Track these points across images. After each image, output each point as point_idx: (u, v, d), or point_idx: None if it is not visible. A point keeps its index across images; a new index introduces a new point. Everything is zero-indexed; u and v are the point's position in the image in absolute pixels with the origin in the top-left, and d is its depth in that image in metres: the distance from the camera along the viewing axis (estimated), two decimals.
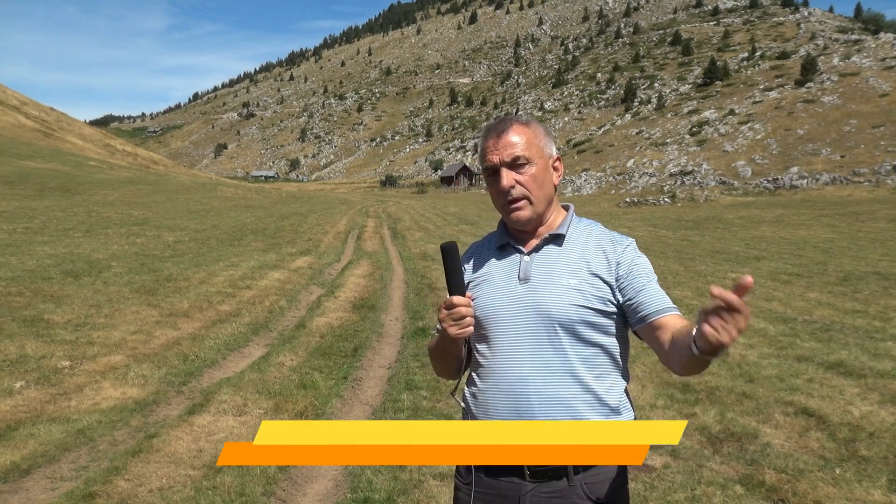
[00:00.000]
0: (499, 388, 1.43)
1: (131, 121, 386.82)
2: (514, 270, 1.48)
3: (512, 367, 1.42)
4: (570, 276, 1.43)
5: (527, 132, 1.47)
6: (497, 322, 1.45)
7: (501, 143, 1.45)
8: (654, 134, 71.00)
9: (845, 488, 3.15)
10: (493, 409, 1.44)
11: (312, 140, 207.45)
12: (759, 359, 5.55)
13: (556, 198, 1.54)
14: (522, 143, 1.45)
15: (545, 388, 1.39)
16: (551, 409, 1.39)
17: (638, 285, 1.43)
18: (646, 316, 1.40)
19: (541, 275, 1.45)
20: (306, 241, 16.39)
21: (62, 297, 7.56)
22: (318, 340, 6.31)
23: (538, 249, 1.49)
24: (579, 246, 1.48)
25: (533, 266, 1.46)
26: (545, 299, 1.41)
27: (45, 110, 65.82)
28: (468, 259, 1.61)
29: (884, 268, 11.96)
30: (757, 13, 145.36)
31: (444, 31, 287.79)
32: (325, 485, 3.36)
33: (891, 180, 41.74)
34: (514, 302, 1.44)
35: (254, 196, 41.06)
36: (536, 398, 1.39)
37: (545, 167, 1.49)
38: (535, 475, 1.40)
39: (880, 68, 67.42)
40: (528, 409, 1.39)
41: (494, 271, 1.51)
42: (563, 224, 1.51)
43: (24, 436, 3.76)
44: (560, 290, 1.42)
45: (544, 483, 1.39)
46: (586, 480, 1.39)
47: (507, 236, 1.55)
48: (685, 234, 22.32)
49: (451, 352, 1.51)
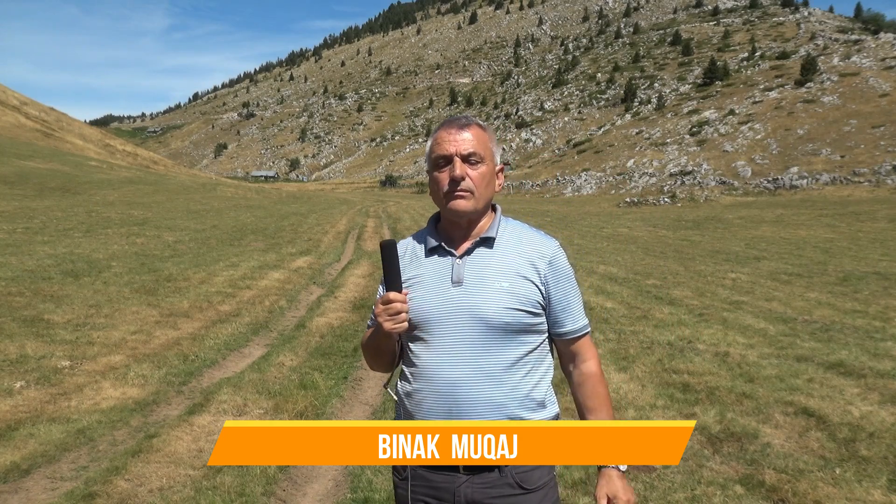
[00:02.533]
0: (432, 389, 1.47)
1: (131, 121, 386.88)
2: (447, 273, 1.50)
3: (444, 369, 1.46)
4: (502, 279, 1.47)
5: (483, 135, 1.52)
6: (430, 324, 1.48)
7: (461, 136, 1.49)
8: (654, 134, 71.00)
9: (845, 488, 3.15)
10: (428, 409, 1.47)
11: (312, 140, 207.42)
12: (759, 359, 5.55)
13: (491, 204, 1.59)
14: (479, 142, 1.50)
15: (477, 391, 1.43)
16: (483, 411, 1.43)
17: (558, 295, 1.52)
18: (562, 333, 1.55)
19: (473, 277, 1.48)
20: (306, 241, 16.39)
21: (62, 297, 7.56)
22: (318, 340, 6.31)
23: (469, 252, 1.51)
24: (510, 248, 1.52)
25: (465, 269, 1.49)
26: (478, 302, 1.45)
27: (45, 110, 65.81)
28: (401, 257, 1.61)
29: (884, 268, 11.96)
30: (757, 13, 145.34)
31: (444, 31, 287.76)
32: (326, 485, 3.36)
33: (891, 180, 41.74)
34: (447, 304, 1.47)
35: (254, 196, 41.06)
36: (468, 400, 1.43)
37: (492, 171, 1.53)
38: (469, 468, 1.44)
39: (880, 68, 67.42)
40: (459, 410, 1.44)
41: (427, 273, 1.53)
42: (493, 227, 1.54)
43: (24, 436, 3.76)
44: (493, 293, 1.45)
45: (477, 475, 1.44)
46: (517, 470, 1.44)
47: (439, 238, 1.56)
48: (685, 234, 22.32)
49: (385, 347, 1.55)
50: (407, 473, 1.51)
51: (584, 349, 1.57)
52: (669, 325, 7.04)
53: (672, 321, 7.21)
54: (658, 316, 7.51)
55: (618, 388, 4.77)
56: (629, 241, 19.29)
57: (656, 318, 7.38)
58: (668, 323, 7.15)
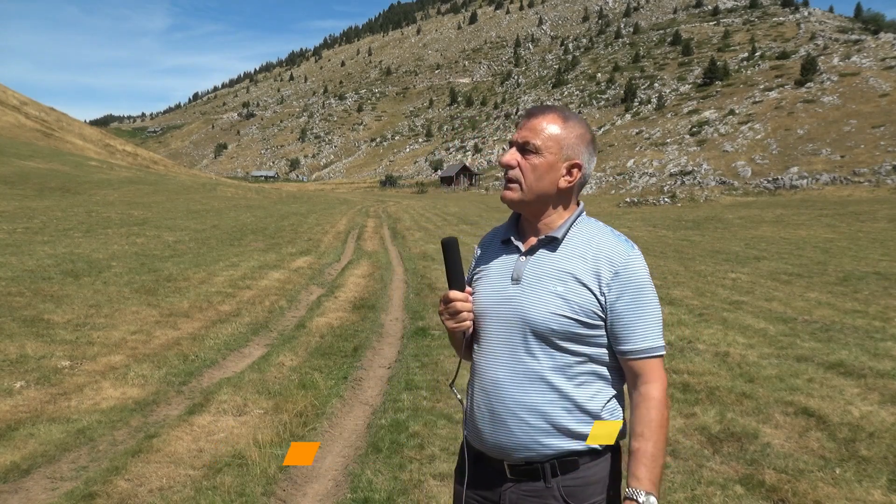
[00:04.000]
0: (481, 387, 1.46)
1: (131, 121, 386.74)
2: (510, 270, 1.46)
3: (489, 367, 1.44)
4: (556, 283, 1.38)
5: (557, 126, 1.42)
6: (486, 321, 1.46)
7: (529, 124, 1.44)
8: (654, 134, 71.00)
9: (845, 488, 3.15)
10: (476, 407, 1.46)
11: (312, 140, 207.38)
12: (759, 359, 5.55)
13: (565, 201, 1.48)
14: (544, 133, 1.41)
15: (519, 394, 1.39)
16: (525, 414, 1.38)
17: (620, 309, 1.38)
18: (621, 352, 1.40)
19: (531, 277, 1.42)
20: (306, 241, 16.39)
21: (62, 297, 7.56)
22: (318, 340, 6.31)
23: (534, 250, 1.45)
24: (576, 251, 1.42)
25: (526, 267, 1.44)
26: (527, 304, 1.39)
27: (45, 110, 65.81)
28: (481, 246, 1.61)
29: (884, 268, 11.95)
30: (757, 13, 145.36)
31: (444, 31, 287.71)
32: (326, 485, 3.36)
33: (891, 180, 41.74)
34: (503, 303, 1.43)
35: (254, 196, 41.06)
36: (510, 403, 1.40)
37: (553, 165, 1.41)
38: (514, 472, 1.42)
39: (880, 68, 67.43)
40: (500, 411, 1.41)
41: (493, 267, 1.51)
42: (562, 226, 1.45)
43: (24, 436, 3.76)
44: (544, 297, 1.38)
45: (523, 482, 1.41)
46: (564, 483, 1.38)
47: (514, 230, 1.53)
48: (685, 234, 22.32)
49: (459, 341, 1.52)
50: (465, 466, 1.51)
51: (646, 371, 1.39)
52: (669, 325, 7.04)
53: (672, 321, 7.21)
54: None
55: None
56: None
57: None
58: (668, 323, 7.14)
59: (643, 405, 1.37)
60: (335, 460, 3.66)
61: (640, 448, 1.35)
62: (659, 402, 1.37)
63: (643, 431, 1.35)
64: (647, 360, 1.38)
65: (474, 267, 1.57)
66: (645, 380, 1.38)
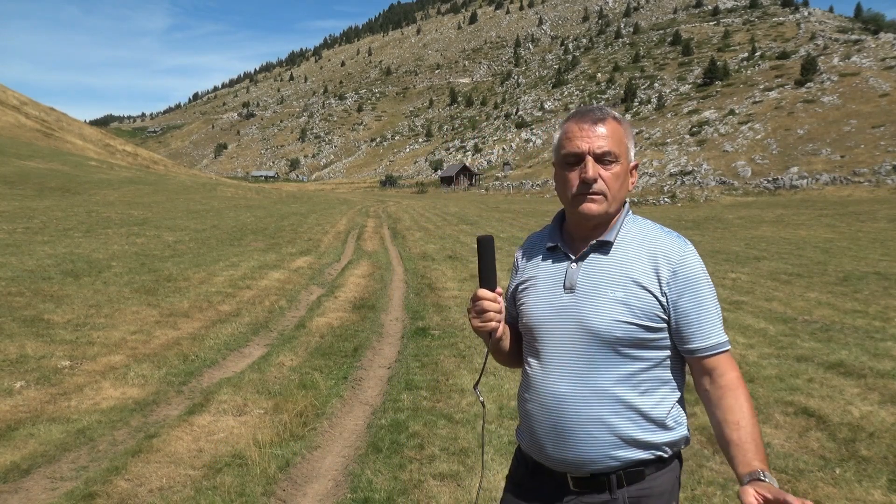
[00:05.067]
0: (539, 401, 1.40)
1: (131, 121, 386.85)
2: (560, 278, 1.40)
3: (550, 381, 1.38)
4: (616, 289, 1.34)
5: (619, 129, 1.39)
6: (541, 333, 1.40)
7: (595, 132, 1.36)
8: (654, 134, 71.01)
9: (845, 488, 3.15)
10: (536, 421, 1.41)
11: (312, 140, 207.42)
12: (759, 359, 5.55)
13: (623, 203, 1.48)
14: (614, 139, 1.37)
15: (583, 407, 1.34)
16: (591, 428, 1.34)
17: (684, 308, 1.34)
18: (690, 350, 1.36)
19: (586, 285, 1.36)
20: (306, 241, 16.39)
21: (62, 297, 7.56)
22: (318, 340, 6.31)
23: (585, 256, 1.40)
24: (630, 254, 1.37)
25: (579, 274, 1.38)
26: (588, 313, 1.34)
27: (45, 110, 65.81)
28: (522, 253, 1.55)
29: (884, 268, 11.95)
30: (757, 13, 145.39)
31: (444, 31, 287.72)
32: (325, 485, 3.36)
33: (891, 180, 41.75)
34: (557, 312, 1.38)
35: (254, 196, 41.07)
36: (574, 416, 1.35)
37: (626, 170, 1.41)
38: (578, 484, 1.37)
39: (880, 68, 67.44)
40: (564, 426, 1.36)
41: (541, 276, 1.44)
42: (612, 230, 1.40)
43: (24, 436, 3.76)
44: (605, 304, 1.33)
45: (586, 494, 1.37)
46: (630, 494, 1.35)
47: (559, 236, 1.47)
48: (685, 234, 22.27)
49: (488, 344, 1.46)
50: (519, 478, 1.47)
51: (721, 364, 1.35)
52: None
53: None
54: None
55: None
56: None
57: None
58: None
59: (730, 395, 1.33)
60: (335, 460, 3.65)
61: (743, 435, 1.29)
62: (745, 391, 1.34)
63: (739, 420, 1.30)
64: (720, 355, 1.36)
65: (519, 276, 1.50)
66: (722, 372, 1.35)
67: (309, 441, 3.84)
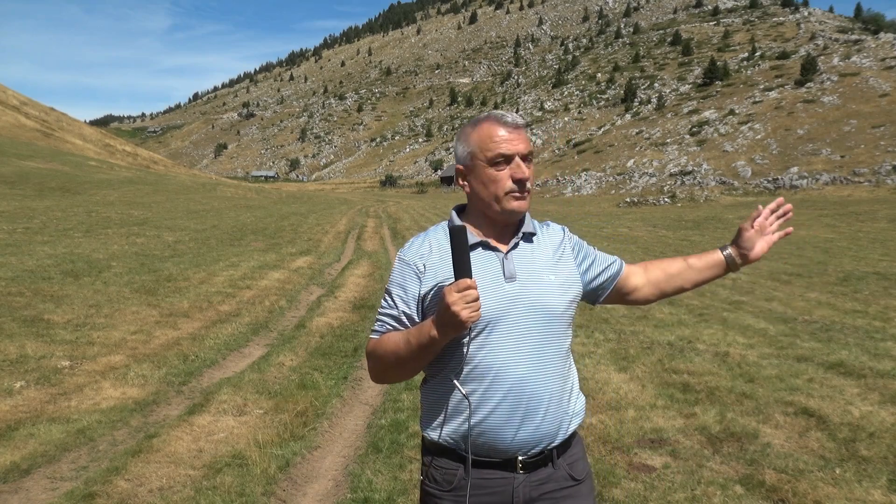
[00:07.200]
0: (500, 388, 1.39)
1: (131, 121, 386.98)
2: (497, 269, 1.44)
3: (511, 366, 1.39)
4: (549, 272, 1.49)
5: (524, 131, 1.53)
6: (490, 322, 1.40)
7: (518, 135, 1.46)
8: (654, 134, 71.01)
9: (845, 488, 3.15)
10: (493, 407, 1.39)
11: (312, 140, 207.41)
12: (759, 359, 5.55)
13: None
14: (528, 140, 1.50)
15: (543, 385, 1.42)
16: (549, 405, 1.43)
17: (592, 256, 1.61)
18: (615, 275, 1.62)
19: (526, 272, 1.46)
20: (306, 241, 16.39)
21: (62, 297, 7.56)
22: (318, 340, 6.31)
23: (514, 248, 1.49)
24: (545, 240, 1.56)
25: (515, 264, 1.47)
26: (539, 296, 1.44)
27: (45, 110, 65.82)
28: (418, 258, 1.48)
29: (884, 268, 11.95)
30: (757, 13, 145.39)
31: (444, 31, 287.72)
32: (325, 485, 3.36)
33: (891, 180, 41.75)
34: (505, 300, 1.41)
35: (254, 196, 41.06)
36: (537, 396, 1.41)
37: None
38: (527, 466, 1.43)
39: (880, 68, 67.46)
40: (529, 407, 1.40)
41: (475, 271, 1.40)
42: (530, 221, 1.56)
43: (24, 436, 3.76)
44: (548, 285, 1.46)
45: (532, 472, 1.44)
46: (566, 462, 1.47)
47: (481, 236, 1.48)
48: (685, 234, 22.32)
49: (433, 349, 1.38)
50: (456, 483, 1.43)
51: (632, 266, 1.66)
52: (669, 325, 7.04)
53: (672, 321, 7.22)
54: (658, 316, 7.51)
55: (618, 387, 4.77)
56: (629, 241, 19.27)
57: (656, 318, 7.38)
58: (668, 323, 7.15)
59: (651, 266, 1.67)
60: (335, 460, 3.66)
61: (683, 259, 1.65)
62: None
63: (672, 260, 1.67)
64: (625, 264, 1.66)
65: (426, 281, 1.45)
66: (636, 267, 1.66)
67: (309, 441, 3.84)
